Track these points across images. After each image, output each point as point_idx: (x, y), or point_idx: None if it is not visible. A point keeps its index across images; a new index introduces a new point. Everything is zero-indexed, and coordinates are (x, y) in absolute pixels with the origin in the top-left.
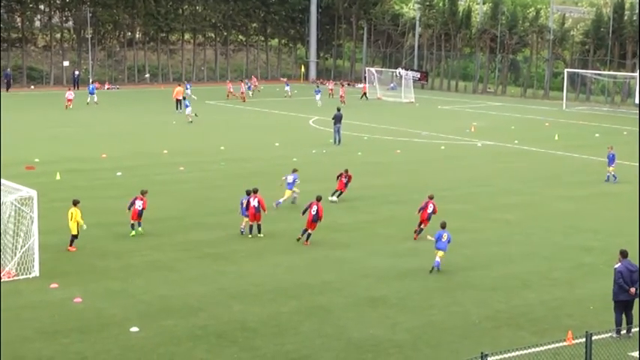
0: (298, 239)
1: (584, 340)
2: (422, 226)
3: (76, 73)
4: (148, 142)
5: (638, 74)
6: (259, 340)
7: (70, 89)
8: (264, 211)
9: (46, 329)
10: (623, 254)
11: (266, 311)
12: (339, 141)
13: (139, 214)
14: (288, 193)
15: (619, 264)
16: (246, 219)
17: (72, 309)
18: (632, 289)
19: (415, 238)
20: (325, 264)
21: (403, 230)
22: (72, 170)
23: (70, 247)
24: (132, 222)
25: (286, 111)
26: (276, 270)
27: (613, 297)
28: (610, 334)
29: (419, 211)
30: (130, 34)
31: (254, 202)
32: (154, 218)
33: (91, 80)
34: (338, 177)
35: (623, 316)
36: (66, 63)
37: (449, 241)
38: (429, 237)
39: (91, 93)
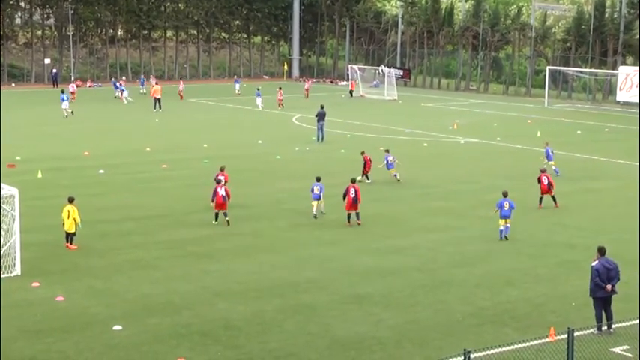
0: (348, 225)
1: (566, 336)
2: (542, 197)
3: (54, 71)
4: (131, 139)
5: None
6: (243, 338)
7: (74, 83)
8: (229, 199)
9: (29, 328)
10: (601, 251)
11: (250, 309)
12: (323, 138)
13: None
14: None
15: (596, 261)
16: (316, 202)
17: (54, 307)
18: (608, 286)
19: (540, 208)
20: (310, 262)
21: (388, 228)
22: (54, 168)
23: (69, 245)
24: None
25: (269, 108)
26: (260, 268)
27: (590, 294)
28: (591, 330)
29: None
30: (111, 31)
31: (221, 192)
32: (137, 216)
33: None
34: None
35: (603, 312)
36: (47, 60)
37: (512, 208)
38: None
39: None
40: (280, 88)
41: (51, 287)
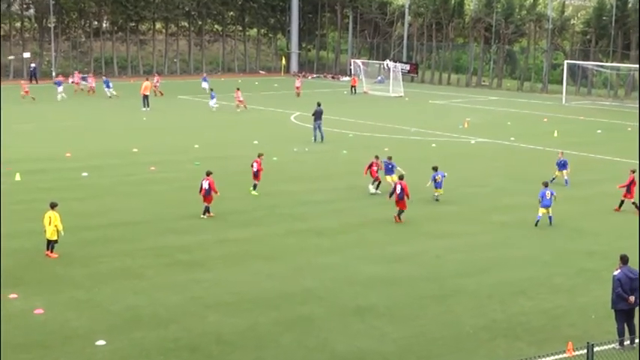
0: (396, 221)
1: (585, 351)
2: (623, 199)
3: (32, 65)
4: (117, 139)
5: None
6: (237, 353)
7: (25, 83)
8: (216, 193)
9: (5, 343)
10: (624, 260)
11: (244, 322)
12: (322, 138)
13: (255, 175)
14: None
15: (618, 271)
16: (389, 177)
17: (33, 321)
18: (632, 298)
19: (617, 210)
20: (308, 271)
21: (392, 234)
22: (33, 170)
23: (50, 254)
24: (254, 182)
25: (265, 106)
26: (255, 278)
27: (612, 306)
28: (613, 345)
29: (626, 187)
30: (96, 23)
31: (205, 185)
32: (123, 222)
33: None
34: (369, 166)
35: (626, 325)
36: (26, 54)
37: (553, 195)
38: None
39: None
40: (238, 89)
41: (29, 299)
